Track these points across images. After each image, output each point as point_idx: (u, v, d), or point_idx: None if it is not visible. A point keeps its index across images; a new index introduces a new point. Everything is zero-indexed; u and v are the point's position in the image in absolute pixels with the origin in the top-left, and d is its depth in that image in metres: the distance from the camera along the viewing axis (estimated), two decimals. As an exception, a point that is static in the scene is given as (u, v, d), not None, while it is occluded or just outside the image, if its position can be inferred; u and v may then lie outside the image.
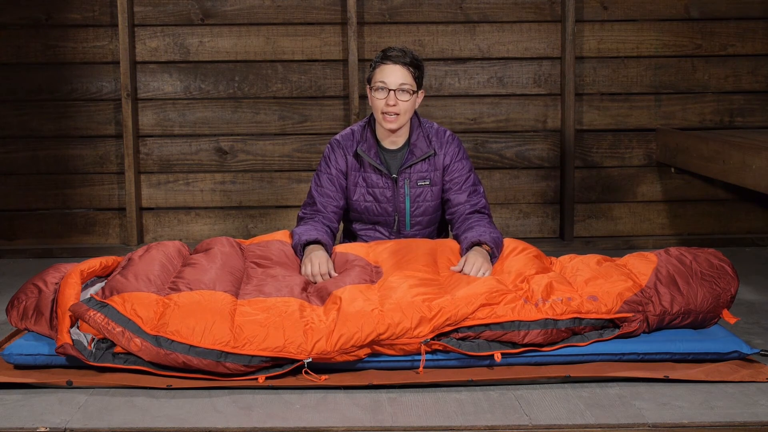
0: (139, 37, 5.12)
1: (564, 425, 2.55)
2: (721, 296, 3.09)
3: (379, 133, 3.63)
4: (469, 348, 2.89)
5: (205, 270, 3.16)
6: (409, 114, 3.54)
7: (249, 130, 5.20)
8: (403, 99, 3.49)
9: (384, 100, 3.50)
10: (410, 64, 3.51)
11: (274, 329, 2.84)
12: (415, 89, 3.53)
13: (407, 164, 3.58)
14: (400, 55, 3.51)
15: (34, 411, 2.65)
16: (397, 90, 3.49)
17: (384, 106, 3.50)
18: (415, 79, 3.53)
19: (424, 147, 3.59)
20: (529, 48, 5.18)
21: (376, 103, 3.52)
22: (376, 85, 3.51)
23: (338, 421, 2.58)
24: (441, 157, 3.61)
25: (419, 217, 3.63)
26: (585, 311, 2.95)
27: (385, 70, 3.51)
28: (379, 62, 3.54)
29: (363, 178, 3.60)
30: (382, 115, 3.52)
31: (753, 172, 4.10)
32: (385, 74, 3.50)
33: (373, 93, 3.53)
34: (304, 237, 3.44)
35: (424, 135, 3.61)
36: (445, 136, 3.64)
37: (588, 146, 5.24)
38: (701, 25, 5.19)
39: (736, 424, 2.55)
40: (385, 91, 3.50)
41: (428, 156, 3.59)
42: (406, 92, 3.50)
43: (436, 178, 3.60)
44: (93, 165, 5.18)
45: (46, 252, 5.11)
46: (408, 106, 3.51)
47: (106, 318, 2.84)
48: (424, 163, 3.59)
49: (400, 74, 3.50)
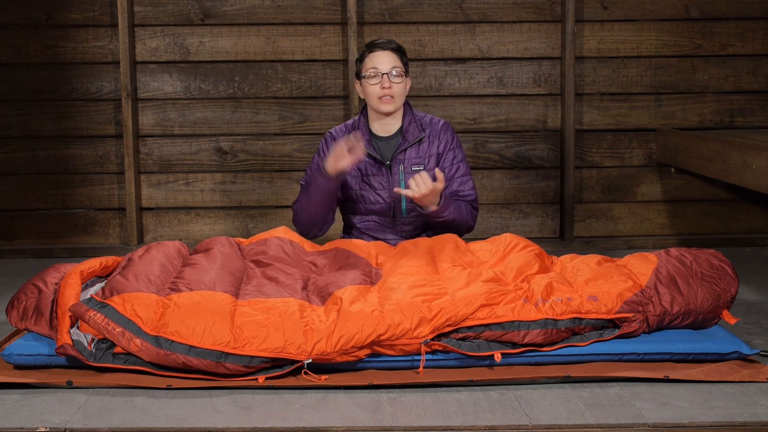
0: (139, 37, 5.12)
1: (564, 425, 2.55)
2: (721, 297, 3.09)
3: (373, 121, 3.72)
4: (469, 348, 2.89)
5: (205, 270, 3.16)
6: (402, 97, 3.68)
7: (249, 130, 5.20)
8: (396, 81, 3.63)
9: (379, 85, 3.62)
10: (397, 50, 3.69)
11: (274, 330, 2.84)
12: (405, 72, 3.67)
13: (400, 149, 3.66)
14: (386, 42, 3.69)
15: (34, 411, 2.65)
16: (390, 73, 3.62)
17: (379, 90, 3.62)
18: (404, 64, 3.68)
19: (416, 132, 3.69)
20: (529, 48, 5.18)
21: (371, 90, 3.64)
22: (369, 73, 3.64)
23: (338, 421, 2.58)
24: (435, 144, 3.70)
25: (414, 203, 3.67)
26: (585, 311, 2.96)
27: (375, 57, 3.65)
28: (368, 52, 3.68)
29: (357, 167, 3.67)
30: (378, 99, 3.63)
31: (753, 172, 4.10)
32: (376, 60, 3.64)
33: (366, 81, 3.65)
34: (312, 172, 3.64)
35: (416, 122, 3.72)
36: (440, 125, 3.74)
37: (588, 146, 5.24)
38: (701, 25, 5.19)
39: (736, 424, 2.55)
40: (379, 76, 3.62)
41: (420, 139, 3.68)
42: (398, 75, 3.63)
43: (431, 164, 3.68)
44: (93, 165, 5.18)
45: (46, 252, 5.11)
46: (401, 88, 3.65)
47: (106, 318, 2.85)
48: (418, 148, 3.68)
49: (390, 58, 3.65)
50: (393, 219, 3.69)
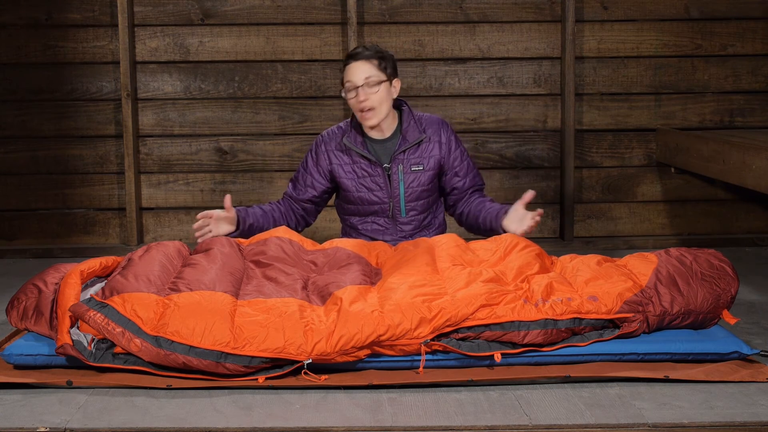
0: (139, 37, 5.12)
1: (564, 425, 2.55)
2: (721, 297, 3.09)
3: (365, 126, 3.70)
4: (469, 348, 2.89)
5: (205, 270, 3.16)
6: (385, 105, 3.60)
7: (249, 130, 5.20)
8: (372, 91, 3.56)
9: (355, 99, 3.57)
10: (372, 57, 3.59)
11: (274, 330, 2.84)
12: (384, 78, 3.58)
13: (400, 150, 3.64)
14: (360, 51, 3.61)
15: (34, 411, 2.65)
16: (364, 85, 3.56)
17: (357, 104, 3.58)
18: (382, 69, 3.59)
19: (416, 133, 3.67)
20: (529, 48, 5.18)
21: (351, 104, 3.62)
22: (346, 86, 3.61)
23: (338, 421, 2.58)
24: (435, 143, 3.68)
25: (413, 203, 3.67)
26: (585, 311, 2.95)
27: (348, 70, 3.61)
28: (344, 65, 3.64)
29: (353, 169, 3.66)
30: (359, 114, 3.61)
31: (753, 172, 4.10)
32: (350, 73, 3.60)
33: (346, 95, 3.62)
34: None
35: (415, 122, 3.69)
36: (438, 123, 3.72)
37: (588, 146, 5.24)
38: (701, 25, 5.19)
39: (736, 424, 2.55)
40: (354, 90, 3.58)
41: (420, 141, 3.66)
42: (374, 84, 3.56)
43: (431, 164, 3.67)
44: (93, 165, 5.18)
45: (46, 252, 5.12)
46: (379, 97, 3.57)
47: (106, 318, 2.84)
48: (417, 149, 3.66)
49: (362, 69, 3.58)
50: (392, 219, 3.69)
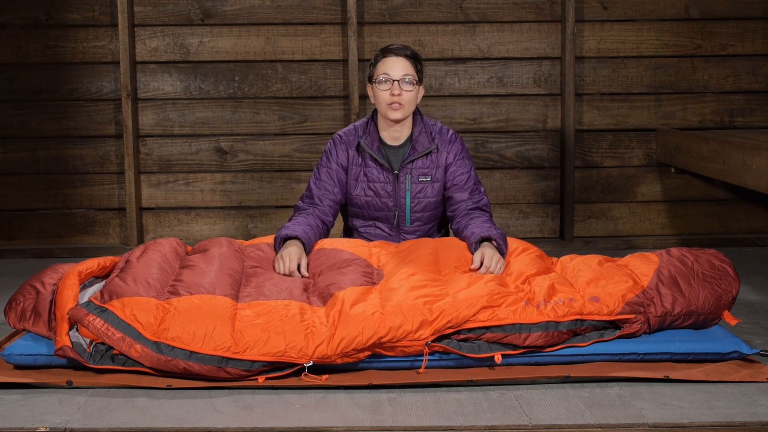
0: (139, 37, 5.12)
1: (564, 425, 2.55)
2: (722, 297, 3.09)
3: (382, 129, 3.65)
4: (470, 350, 2.89)
5: (203, 273, 3.14)
6: (412, 106, 3.59)
7: (249, 130, 5.20)
8: (407, 89, 3.55)
9: (389, 91, 3.55)
10: (412, 57, 3.59)
11: (275, 333, 2.83)
12: (417, 81, 3.59)
13: (409, 159, 3.60)
14: (401, 48, 3.60)
15: (34, 411, 2.65)
16: (401, 81, 3.54)
17: (389, 97, 3.54)
18: (417, 72, 3.60)
19: (426, 143, 3.62)
20: (529, 48, 5.18)
21: (381, 95, 3.56)
22: (380, 78, 3.56)
23: (338, 421, 2.58)
24: (444, 155, 3.63)
25: (419, 213, 3.64)
26: (587, 313, 2.95)
27: (387, 62, 3.57)
28: (381, 56, 3.60)
29: (364, 172, 3.63)
30: (387, 106, 3.56)
31: (753, 172, 4.10)
32: (388, 66, 3.56)
33: (376, 86, 3.57)
34: (284, 232, 3.44)
35: (426, 131, 3.65)
36: (449, 135, 3.67)
37: (588, 146, 5.24)
38: (701, 25, 5.19)
39: (736, 424, 2.55)
40: (389, 83, 3.55)
41: (430, 151, 3.61)
42: (410, 83, 3.55)
43: (438, 175, 3.62)
44: (93, 165, 5.18)
45: (46, 252, 5.11)
46: (411, 96, 3.57)
47: (106, 323, 2.82)
48: (426, 159, 3.62)
49: (403, 65, 3.56)
50: (396, 228, 3.67)
